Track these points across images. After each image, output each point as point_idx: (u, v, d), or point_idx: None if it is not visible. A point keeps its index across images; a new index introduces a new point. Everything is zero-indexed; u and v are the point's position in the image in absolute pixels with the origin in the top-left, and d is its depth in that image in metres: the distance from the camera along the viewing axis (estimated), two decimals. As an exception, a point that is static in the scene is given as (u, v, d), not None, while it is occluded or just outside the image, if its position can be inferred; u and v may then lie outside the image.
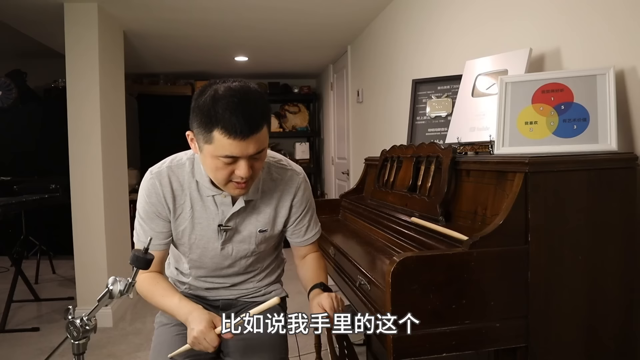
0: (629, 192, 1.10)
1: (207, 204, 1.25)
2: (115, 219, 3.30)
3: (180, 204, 1.25)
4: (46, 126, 4.79)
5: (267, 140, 1.13)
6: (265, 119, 1.11)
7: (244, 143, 1.06)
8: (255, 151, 1.09)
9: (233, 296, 1.43)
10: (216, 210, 1.25)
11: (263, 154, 1.15)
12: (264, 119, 1.10)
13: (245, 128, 1.04)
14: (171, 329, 1.35)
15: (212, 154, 1.10)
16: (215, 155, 1.09)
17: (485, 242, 1.01)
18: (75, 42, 3.04)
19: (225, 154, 1.08)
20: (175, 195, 1.24)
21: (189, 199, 1.25)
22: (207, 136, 1.08)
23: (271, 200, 1.30)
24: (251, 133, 1.06)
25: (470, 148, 1.50)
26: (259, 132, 1.08)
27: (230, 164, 1.10)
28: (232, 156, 1.08)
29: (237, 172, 1.11)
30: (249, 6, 3.17)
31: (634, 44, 1.22)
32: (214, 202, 1.25)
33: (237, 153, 1.07)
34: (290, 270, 1.60)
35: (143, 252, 1.06)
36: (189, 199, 1.25)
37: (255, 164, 1.14)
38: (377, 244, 1.53)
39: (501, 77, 1.34)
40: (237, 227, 1.28)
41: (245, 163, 1.10)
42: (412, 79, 1.96)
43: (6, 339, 2.89)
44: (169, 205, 1.24)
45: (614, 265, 1.09)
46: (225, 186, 1.16)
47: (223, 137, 1.05)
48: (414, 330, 0.97)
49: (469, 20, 2.12)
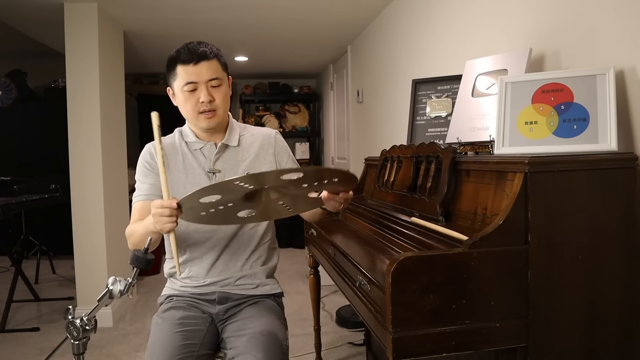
0: (629, 192, 1.10)
1: (197, 156, 1.46)
2: (115, 219, 3.30)
3: (172, 159, 1.45)
4: (46, 126, 4.79)
5: (221, 74, 1.38)
6: (216, 55, 1.38)
7: (197, 68, 1.33)
8: (210, 77, 1.35)
9: (228, 285, 1.45)
10: (204, 159, 1.46)
11: (222, 88, 1.38)
12: (214, 54, 1.37)
13: (194, 56, 1.33)
14: (167, 328, 1.35)
15: (179, 87, 1.36)
16: (180, 88, 1.35)
17: (485, 242, 1.01)
18: (75, 42, 3.04)
19: (185, 81, 1.34)
20: (166, 153, 1.43)
21: (180, 154, 1.46)
22: (173, 75, 1.37)
23: (251, 148, 1.50)
24: (200, 59, 1.33)
25: (470, 148, 1.50)
26: (209, 60, 1.35)
27: (193, 91, 1.35)
28: (192, 81, 1.34)
29: (200, 99, 1.35)
30: (249, 6, 3.17)
31: (634, 44, 1.22)
32: (202, 153, 1.47)
33: (195, 78, 1.33)
34: (290, 270, 1.61)
35: (143, 252, 1.06)
36: (180, 154, 1.46)
37: (215, 94, 1.37)
38: (377, 244, 1.53)
39: (501, 77, 1.34)
40: (225, 173, 1.44)
41: (204, 88, 1.34)
42: (412, 79, 1.96)
43: (6, 339, 2.89)
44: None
45: (614, 265, 1.09)
46: (197, 120, 1.39)
47: (181, 68, 1.34)
48: (414, 330, 0.97)
49: (469, 20, 2.13)
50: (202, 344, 1.34)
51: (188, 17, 3.36)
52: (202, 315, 1.42)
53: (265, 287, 1.49)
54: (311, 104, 6.32)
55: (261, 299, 1.47)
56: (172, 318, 1.37)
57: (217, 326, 1.44)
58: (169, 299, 1.47)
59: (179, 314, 1.39)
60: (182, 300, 1.45)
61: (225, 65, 1.42)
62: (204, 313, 1.43)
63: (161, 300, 1.50)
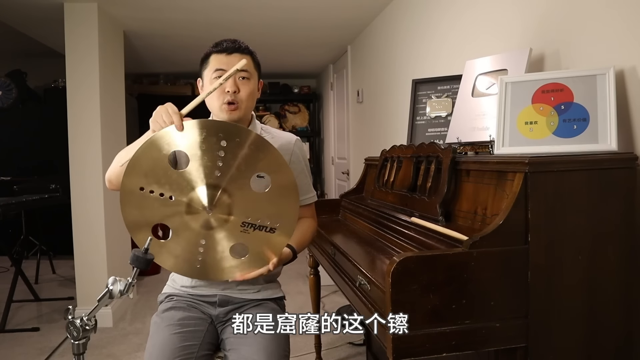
0: (628, 192, 1.10)
1: None
2: (115, 219, 3.30)
3: None
4: (46, 126, 4.79)
5: (252, 70, 1.38)
6: (250, 53, 1.40)
7: (229, 57, 1.35)
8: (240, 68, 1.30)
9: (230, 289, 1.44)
10: None
11: (250, 83, 1.37)
12: (248, 51, 1.40)
13: (229, 47, 1.36)
14: (166, 329, 1.34)
15: (209, 75, 1.37)
16: (210, 75, 1.36)
17: (485, 242, 1.01)
18: (75, 42, 3.04)
19: (215, 67, 1.35)
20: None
21: None
22: (205, 64, 1.39)
23: None
24: (234, 51, 1.36)
25: (470, 148, 1.50)
26: (243, 54, 1.36)
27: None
28: (222, 69, 1.34)
29: (226, 89, 1.33)
30: (249, 6, 3.17)
31: (634, 44, 1.22)
32: None
33: (225, 66, 1.33)
34: (291, 271, 1.61)
35: (143, 252, 1.06)
36: None
37: (242, 87, 1.36)
38: (377, 244, 1.53)
39: (501, 77, 1.34)
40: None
41: (231, 78, 1.33)
42: (412, 79, 1.96)
43: (6, 339, 2.89)
44: None
45: (614, 265, 1.09)
46: (220, 111, 1.37)
47: (214, 56, 1.37)
48: (414, 330, 0.97)
49: (469, 20, 2.13)
50: (202, 344, 1.33)
51: (188, 17, 3.36)
52: (202, 316, 1.42)
53: (267, 291, 1.48)
54: (311, 104, 6.32)
55: (263, 302, 1.47)
56: (172, 319, 1.37)
57: (216, 327, 1.43)
58: (169, 298, 1.47)
59: (179, 315, 1.38)
60: (182, 301, 1.44)
61: (257, 65, 1.43)
62: (203, 314, 1.43)
63: (161, 298, 1.50)
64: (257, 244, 1.21)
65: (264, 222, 1.18)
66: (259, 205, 1.18)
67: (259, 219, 1.18)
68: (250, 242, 1.21)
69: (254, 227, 1.18)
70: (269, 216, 1.18)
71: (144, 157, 1.14)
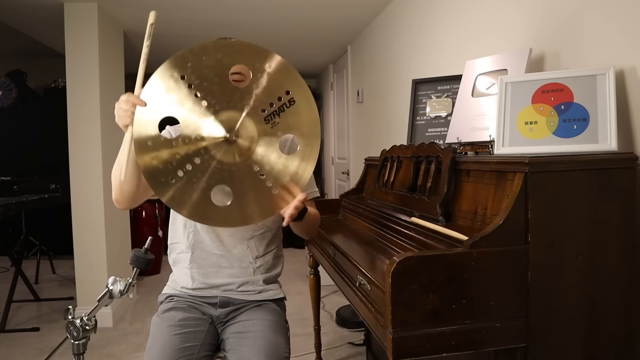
0: (628, 192, 1.10)
1: None
2: (115, 219, 3.30)
3: None
4: (46, 126, 4.79)
5: (246, 72, 1.24)
6: None
7: None
8: (233, 71, 1.22)
9: (231, 291, 1.44)
10: None
11: (245, 83, 1.25)
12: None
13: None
14: (166, 330, 1.34)
15: None
16: None
17: (485, 242, 1.01)
18: (75, 42, 3.04)
19: None
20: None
21: None
22: None
23: None
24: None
25: (470, 148, 1.50)
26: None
27: None
28: None
29: None
30: (249, 6, 3.17)
31: (634, 44, 1.22)
32: None
33: None
34: (291, 271, 1.61)
35: (143, 252, 1.06)
36: None
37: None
38: (377, 244, 1.53)
39: (501, 77, 1.34)
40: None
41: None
42: (412, 79, 1.96)
43: (6, 339, 2.89)
44: None
45: (614, 265, 1.09)
46: None
47: None
48: (414, 330, 0.97)
49: (469, 20, 2.13)
50: (202, 345, 1.33)
51: (188, 16, 3.36)
52: (202, 317, 1.42)
53: (268, 292, 1.48)
54: (311, 104, 6.32)
55: (263, 303, 1.47)
56: (172, 319, 1.37)
57: (216, 327, 1.43)
58: (170, 299, 1.47)
59: (179, 316, 1.38)
60: (183, 301, 1.44)
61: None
62: (204, 314, 1.43)
63: (161, 299, 1.50)
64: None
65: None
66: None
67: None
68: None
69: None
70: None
71: (144, 151, 1.10)
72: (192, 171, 1.11)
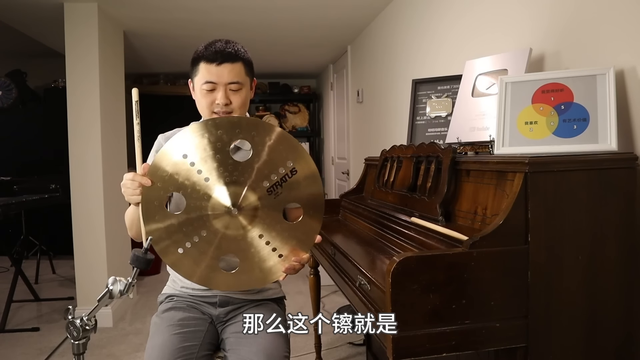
0: (629, 192, 1.10)
1: None
2: (115, 219, 3.30)
3: None
4: (46, 126, 4.79)
5: (243, 78, 1.35)
6: (241, 58, 1.35)
7: (219, 69, 1.31)
8: (230, 80, 1.32)
9: (229, 292, 1.43)
10: None
11: (241, 92, 1.35)
12: (240, 57, 1.34)
13: (219, 56, 1.31)
14: (165, 329, 1.34)
15: (198, 84, 1.35)
16: (200, 85, 1.34)
17: (485, 242, 1.01)
18: (75, 42, 3.04)
19: (205, 79, 1.32)
20: None
21: None
22: (195, 70, 1.36)
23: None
24: (224, 61, 1.31)
25: (470, 148, 1.50)
26: (233, 63, 1.32)
27: (211, 91, 1.33)
28: (211, 81, 1.32)
29: (216, 101, 1.33)
30: (249, 6, 3.17)
31: (634, 44, 1.22)
32: None
33: (215, 79, 1.32)
34: (290, 270, 1.59)
35: (143, 252, 1.06)
36: None
37: (233, 97, 1.34)
38: (377, 244, 1.53)
39: (501, 77, 1.33)
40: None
41: (222, 90, 1.33)
42: (412, 79, 1.96)
43: (6, 339, 2.90)
44: None
45: (614, 265, 1.09)
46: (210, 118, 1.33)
47: (204, 65, 1.33)
48: (413, 330, 0.97)
49: (469, 20, 2.13)
50: (202, 345, 1.33)
51: (188, 16, 3.36)
52: (202, 317, 1.42)
53: (268, 291, 1.48)
54: (311, 104, 6.32)
55: (263, 302, 1.47)
56: (172, 319, 1.37)
57: (216, 327, 1.43)
58: (169, 299, 1.47)
59: (179, 315, 1.38)
60: (182, 301, 1.44)
61: (250, 69, 1.39)
62: (203, 314, 1.43)
63: (161, 299, 1.50)
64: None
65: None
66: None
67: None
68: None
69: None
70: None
71: (151, 222, 1.12)
72: (199, 243, 1.14)
